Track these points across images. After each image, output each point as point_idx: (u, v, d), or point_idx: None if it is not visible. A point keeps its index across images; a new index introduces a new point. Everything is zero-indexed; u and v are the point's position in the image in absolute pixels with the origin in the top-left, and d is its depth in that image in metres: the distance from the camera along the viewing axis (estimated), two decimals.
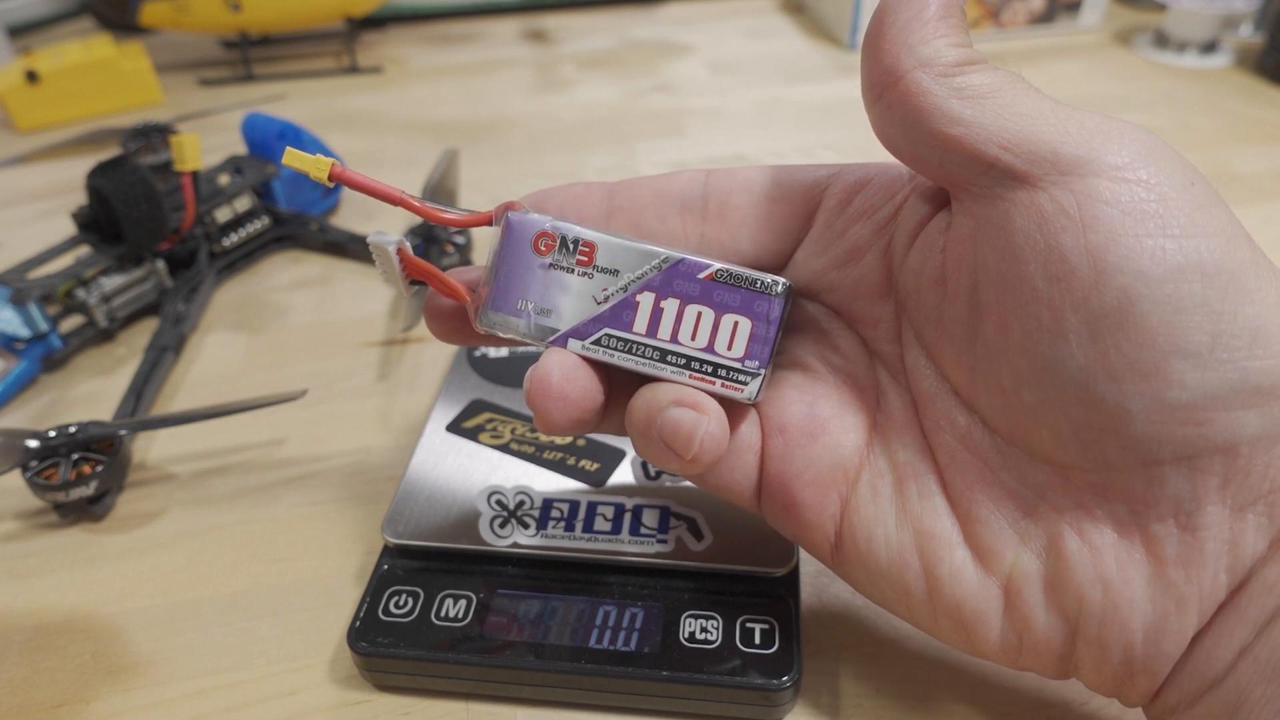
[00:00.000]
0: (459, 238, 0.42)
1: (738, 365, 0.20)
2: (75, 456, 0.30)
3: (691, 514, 0.27)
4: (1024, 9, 0.67)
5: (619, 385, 0.21)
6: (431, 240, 0.41)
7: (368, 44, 0.72)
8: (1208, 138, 0.53)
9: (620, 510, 0.27)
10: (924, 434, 0.20)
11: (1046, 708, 0.24)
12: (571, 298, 0.20)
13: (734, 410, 0.21)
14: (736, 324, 0.20)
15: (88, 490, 0.30)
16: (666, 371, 0.20)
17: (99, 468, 0.30)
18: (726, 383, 0.20)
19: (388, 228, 0.46)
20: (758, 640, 0.24)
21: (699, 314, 0.20)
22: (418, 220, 0.42)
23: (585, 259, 0.20)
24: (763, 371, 0.20)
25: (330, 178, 0.19)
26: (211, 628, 0.27)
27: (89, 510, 0.31)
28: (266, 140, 0.45)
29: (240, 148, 0.47)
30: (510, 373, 0.33)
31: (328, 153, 0.48)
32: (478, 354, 0.34)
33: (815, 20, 0.72)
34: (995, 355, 0.18)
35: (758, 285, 0.20)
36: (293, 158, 0.19)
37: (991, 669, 0.25)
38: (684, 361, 0.20)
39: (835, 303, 0.22)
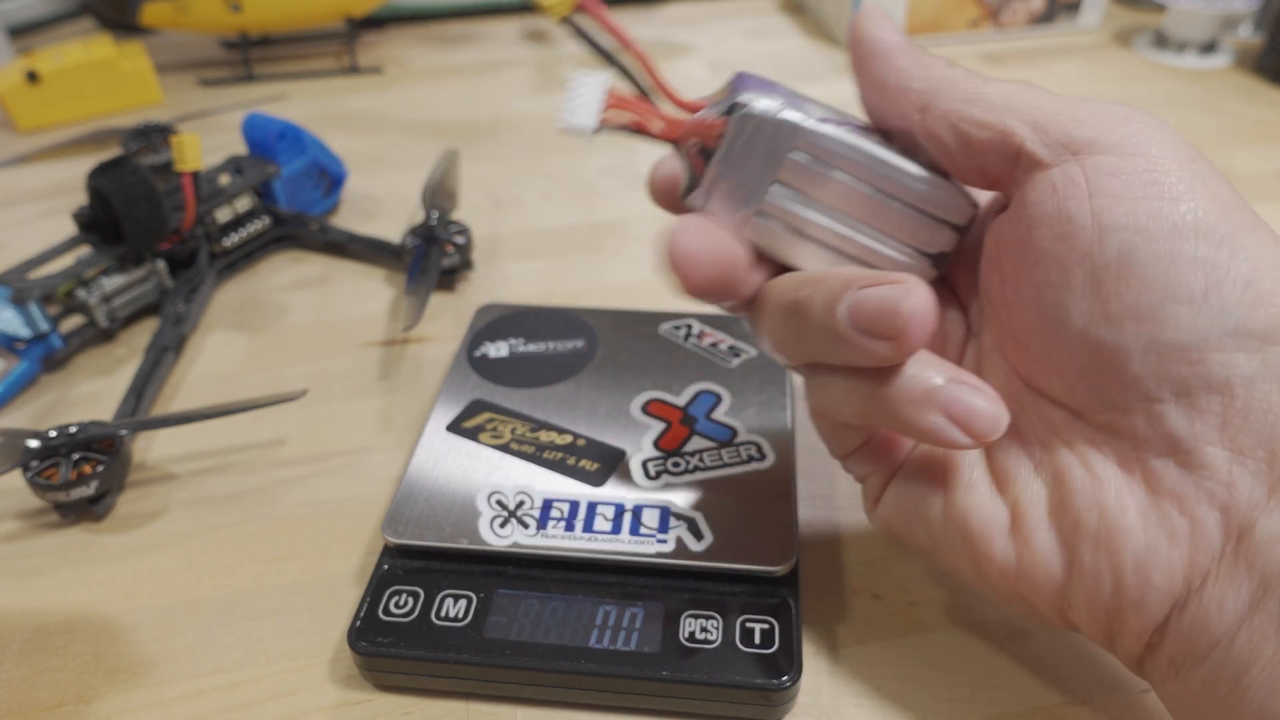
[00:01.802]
0: (459, 238, 0.42)
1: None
2: (76, 456, 0.30)
3: (691, 514, 0.27)
4: (1024, 9, 0.67)
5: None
6: (431, 240, 0.41)
7: (368, 44, 0.72)
8: (1207, 138, 0.53)
9: (620, 510, 0.27)
10: (977, 372, 0.22)
11: (1045, 708, 0.24)
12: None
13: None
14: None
15: (88, 490, 0.30)
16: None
17: (99, 468, 0.30)
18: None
19: (387, 228, 0.46)
20: (758, 640, 0.24)
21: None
22: (418, 220, 0.42)
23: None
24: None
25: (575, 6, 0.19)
26: (211, 628, 0.27)
27: (89, 510, 0.31)
28: (267, 140, 0.45)
29: (241, 148, 0.47)
30: (510, 373, 0.33)
31: (328, 153, 0.48)
32: (477, 354, 0.34)
33: (815, 20, 0.72)
34: (1012, 313, 0.20)
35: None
36: None
37: (991, 669, 0.25)
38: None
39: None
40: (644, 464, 0.28)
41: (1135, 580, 0.18)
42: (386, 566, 0.26)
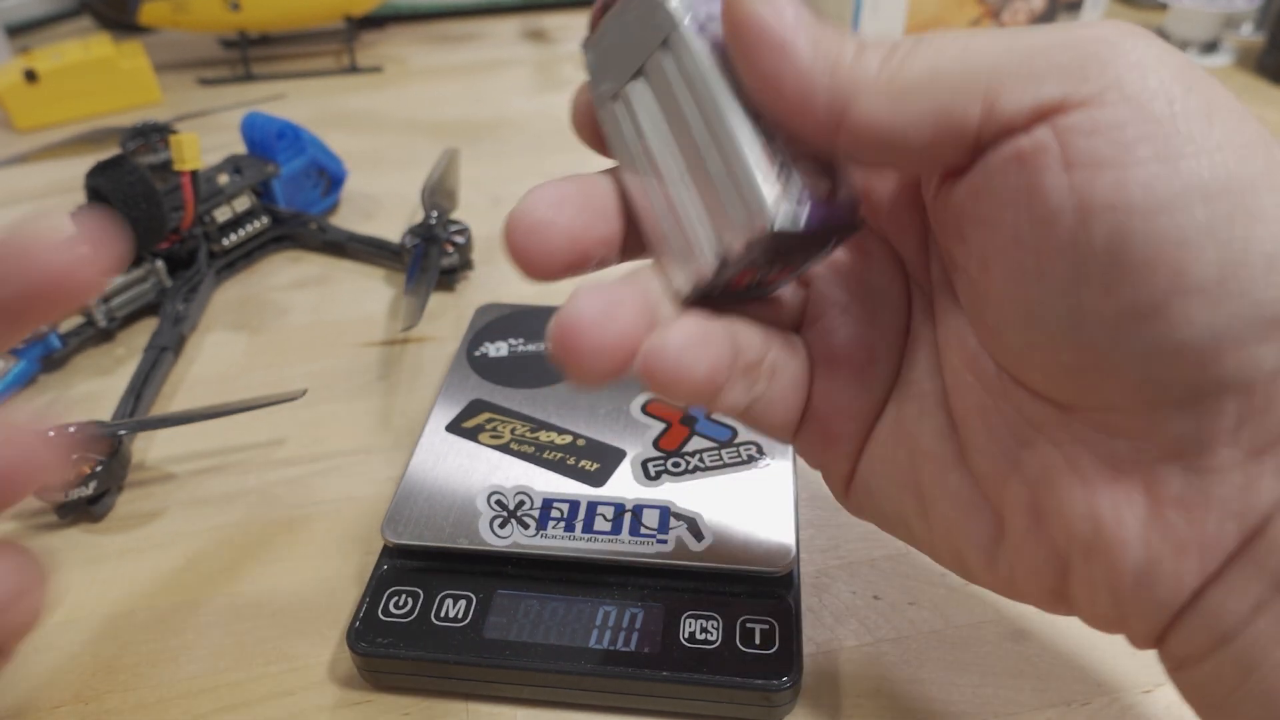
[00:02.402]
0: (459, 237, 0.42)
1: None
2: (74, 456, 0.30)
3: (691, 514, 0.27)
4: (1025, 9, 0.67)
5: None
6: (431, 240, 0.41)
7: (367, 43, 0.72)
8: None
9: (620, 510, 0.27)
10: (938, 351, 0.19)
11: (1047, 708, 0.24)
12: None
13: (787, 351, 0.20)
14: None
15: (87, 490, 0.30)
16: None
17: (98, 468, 0.30)
18: None
19: (387, 227, 0.46)
20: (757, 640, 0.24)
21: None
22: (418, 220, 0.42)
23: None
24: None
25: None
26: (210, 628, 0.27)
27: (88, 510, 0.31)
28: (266, 140, 0.45)
29: (239, 147, 0.47)
30: (510, 373, 0.33)
31: (328, 152, 0.48)
32: (477, 354, 0.34)
33: None
34: (981, 296, 0.17)
35: None
36: None
37: (991, 669, 0.25)
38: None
39: (869, 208, 0.20)
40: (644, 464, 0.28)
41: (1136, 594, 0.16)
42: (386, 567, 0.26)
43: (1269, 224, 0.14)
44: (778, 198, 0.16)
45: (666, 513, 0.27)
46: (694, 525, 0.26)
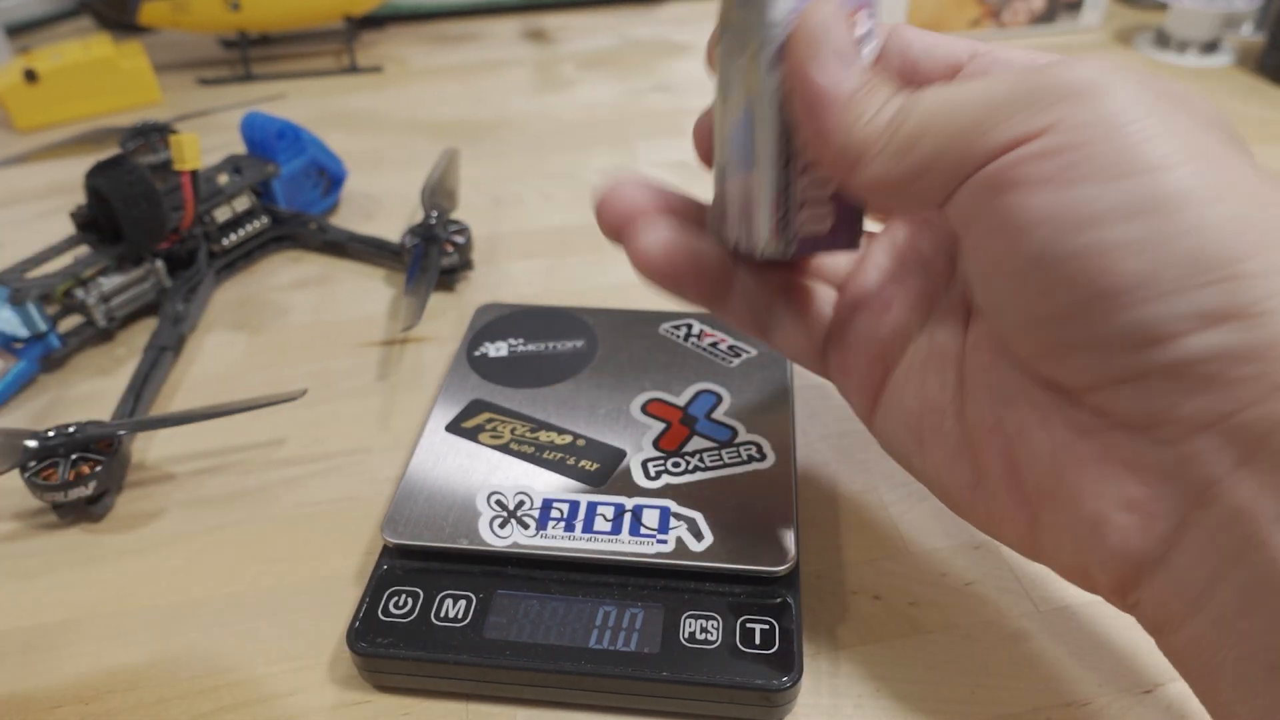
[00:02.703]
0: (459, 237, 0.42)
1: None
2: (74, 456, 0.30)
3: (691, 514, 0.27)
4: (1025, 8, 0.67)
5: None
6: (431, 240, 0.41)
7: (367, 43, 0.72)
8: None
9: (620, 510, 0.27)
10: (968, 319, 0.22)
11: (1045, 709, 0.24)
12: None
13: (819, 274, 0.25)
14: None
15: (86, 490, 0.30)
16: None
17: (98, 468, 0.30)
18: None
19: (387, 227, 0.46)
20: (758, 640, 0.24)
21: None
22: (418, 220, 0.42)
23: None
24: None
25: None
26: (210, 628, 0.27)
27: (88, 510, 0.31)
28: (266, 140, 0.45)
29: (239, 147, 0.47)
30: (510, 372, 0.33)
31: (327, 152, 0.48)
32: (477, 354, 0.34)
33: None
34: (969, 283, 0.20)
35: None
36: None
37: (991, 670, 0.25)
38: None
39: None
40: (644, 464, 0.28)
41: (1091, 543, 0.18)
42: (386, 567, 0.26)
43: (1191, 234, 0.16)
44: (768, 239, 0.22)
45: (666, 513, 0.27)
46: (694, 525, 0.26)
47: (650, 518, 0.26)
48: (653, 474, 0.28)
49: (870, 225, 0.24)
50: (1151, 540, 0.18)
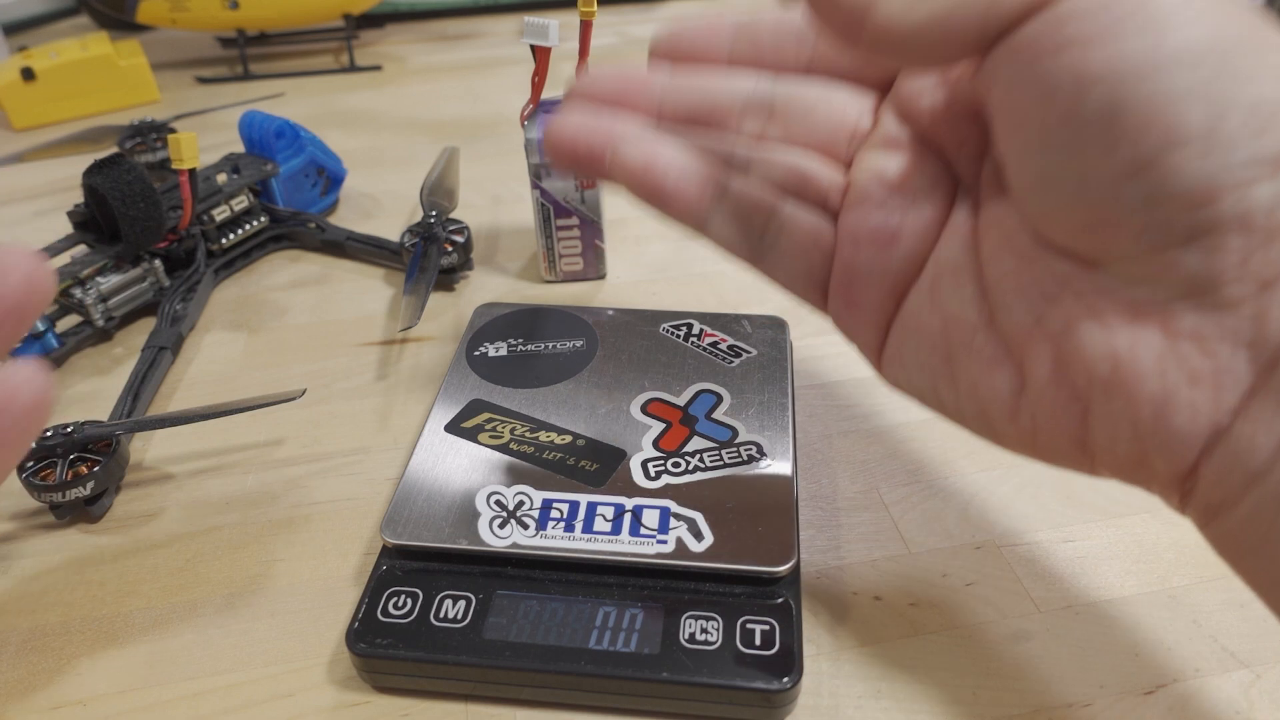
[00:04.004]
0: (458, 236, 0.42)
1: None
2: (72, 456, 0.30)
3: (691, 514, 0.26)
4: None
5: None
6: (430, 239, 0.41)
7: (366, 42, 0.72)
8: None
9: (620, 510, 0.27)
10: (975, 235, 0.21)
11: (1046, 709, 0.24)
12: None
13: (821, 205, 0.23)
14: None
15: (84, 490, 0.30)
16: None
17: (96, 468, 0.30)
18: None
19: (386, 227, 0.46)
20: (758, 641, 0.24)
21: None
22: (417, 219, 0.42)
23: None
24: None
25: None
26: (209, 629, 0.27)
27: (86, 511, 0.31)
28: (264, 139, 0.45)
29: (238, 146, 0.47)
30: (510, 372, 0.32)
31: (327, 151, 0.48)
32: (477, 353, 0.33)
33: None
34: (1006, 168, 0.19)
35: None
36: None
37: (991, 670, 0.25)
38: None
39: (926, 124, 0.22)
40: (644, 464, 0.28)
41: (1155, 426, 0.17)
42: (385, 567, 0.26)
43: (1247, 82, 0.16)
44: None
45: (666, 513, 0.27)
46: (694, 525, 0.26)
47: (650, 518, 0.26)
48: (653, 474, 0.28)
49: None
50: (1221, 413, 0.17)
